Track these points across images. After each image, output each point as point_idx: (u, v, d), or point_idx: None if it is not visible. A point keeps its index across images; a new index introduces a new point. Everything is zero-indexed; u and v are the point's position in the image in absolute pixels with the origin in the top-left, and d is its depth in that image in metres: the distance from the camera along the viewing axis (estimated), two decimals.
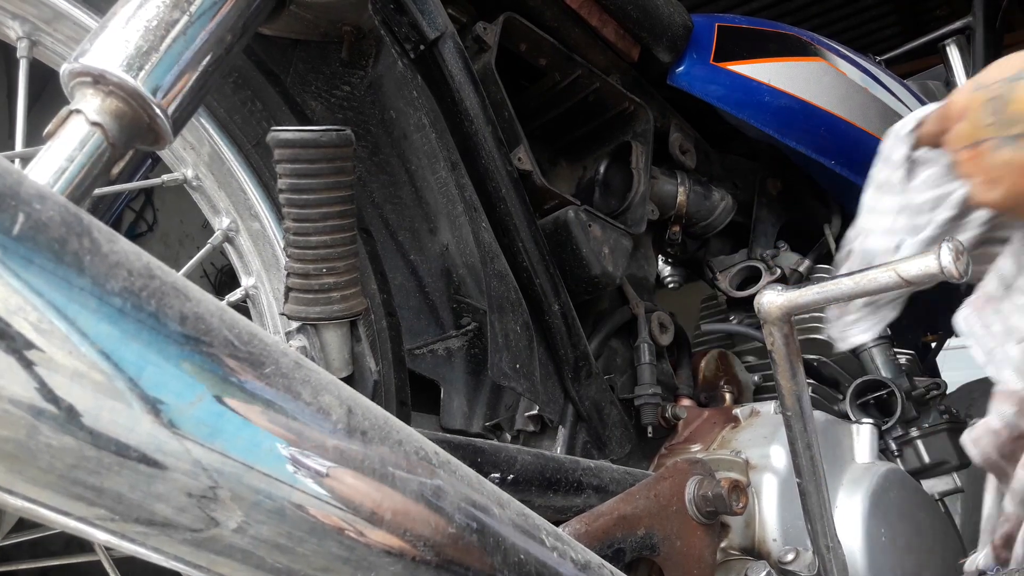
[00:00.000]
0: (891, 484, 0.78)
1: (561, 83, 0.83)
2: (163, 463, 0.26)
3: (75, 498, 0.26)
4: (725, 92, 0.90)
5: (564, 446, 0.72)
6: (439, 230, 0.75)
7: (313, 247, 0.50)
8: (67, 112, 0.40)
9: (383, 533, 0.31)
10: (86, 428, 0.24)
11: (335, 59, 0.74)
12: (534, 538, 0.38)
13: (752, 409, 0.82)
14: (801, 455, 0.56)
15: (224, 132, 0.65)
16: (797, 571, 0.65)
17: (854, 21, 4.50)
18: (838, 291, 0.51)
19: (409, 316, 0.74)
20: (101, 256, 0.25)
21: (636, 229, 0.80)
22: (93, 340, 0.25)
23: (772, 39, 0.96)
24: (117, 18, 0.42)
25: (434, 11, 0.63)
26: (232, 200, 0.66)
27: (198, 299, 0.28)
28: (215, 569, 0.29)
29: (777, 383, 0.55)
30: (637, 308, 0.83)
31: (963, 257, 0.45)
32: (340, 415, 0.31)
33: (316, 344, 0.53)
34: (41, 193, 0.25)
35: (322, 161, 0.50)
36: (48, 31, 0.63)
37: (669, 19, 0.86)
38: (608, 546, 0.56)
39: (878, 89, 1.03)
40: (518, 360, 0.67)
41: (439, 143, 0.68)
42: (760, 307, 0.53)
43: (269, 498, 0.28)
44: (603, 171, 0.86)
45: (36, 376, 0.24)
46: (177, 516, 0.27)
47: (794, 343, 0.54)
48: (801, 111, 0.92)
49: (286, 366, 0.30)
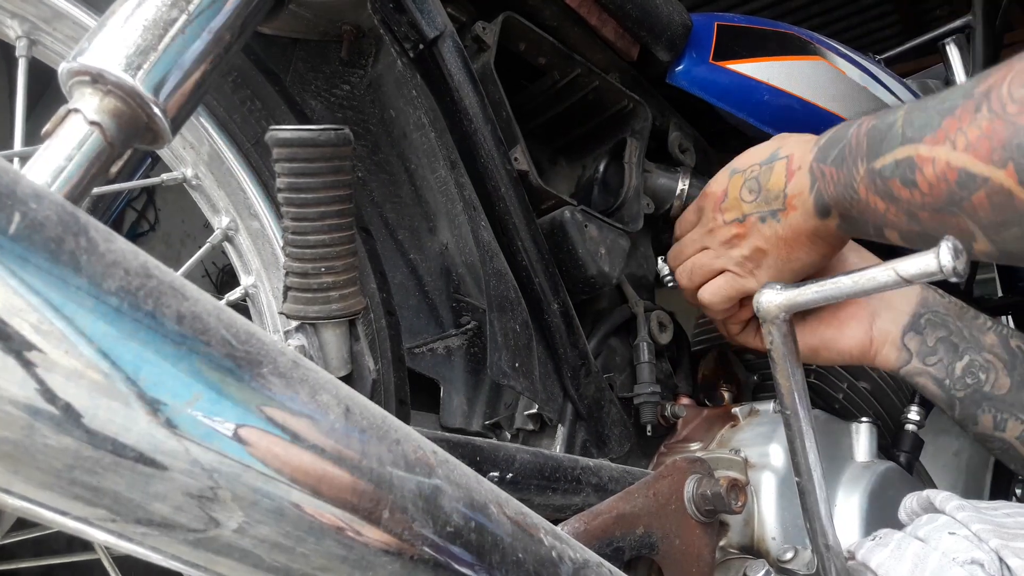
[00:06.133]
0: (890, 483, 0.78)
1: (560, 82, 0.83)
2: (160, 462, 0.26)
3: (72, 498, 0.26)
4: (724, 91, 0.90)
5: (563, 445, 0.72)
6: (438, 229, 0.76)
7: (311, 246, 0.50)
8: (65, 111, 0.40)
9: (381, 532, 0.31)
10: (83, 427, 0.24)
11: (335, 58, 0.74)
12: (532, 537, 0.38)
13: (751, 408, 0.82)
14: (800, 454, 0.56)
15: (223, 131, 0.66)
16: (796, 570, 0.65)
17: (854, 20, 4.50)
18: (837, 290, 0.51)
19: (409, 315, 0.74)
20: (98, 255, 0.25)
21: (633, 226, 0.80)
22: (90, 339, 0.25)
23: (771, 38, 0.96)
24: (116, 17, 0.42)
25: (433, 10, 0.63)
26: (231, 199, 0.66)
27: (195, 298, 0.28)
28: (212, 568, 0.30)
29: (776, 382, 0.55)
30: (636, 307, 0.83)
31: (962, 255, 0.45)
32: (338, 414, 0.31)
33: (315, 343, 0.53)
34: (38, 192, 0.25)
35: (320, 160, 0.50)
36: (47, 30, 0.63)
37: (668, 18, 0.86)
38: (607, 545, 0.56)
39: (878, 88, 1.03)
40: (517, 359, 0.67)
41: (438, 142, 0.68)
42: (759, 306, 0.53)
43: (267, 497, 0.28)
44: (602, 170, 0.86)
45: (32, 376, 0.24)
46: (174, 515, 0.27)
47: (793, 341, 0.54)
48: (801, 110, 0.92)
49: (284, 365, 0.30)
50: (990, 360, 0.71)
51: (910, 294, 0.74)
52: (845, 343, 0.74)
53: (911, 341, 0.73)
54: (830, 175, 0.65)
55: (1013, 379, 0.70)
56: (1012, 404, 0.70)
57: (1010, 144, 0.50)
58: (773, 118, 0.91)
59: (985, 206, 0.53)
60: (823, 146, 0.67)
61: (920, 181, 0.56)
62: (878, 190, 0.60)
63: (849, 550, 0.64)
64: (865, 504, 0.75)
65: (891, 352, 0.74)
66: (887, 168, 0.59)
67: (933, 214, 0.57)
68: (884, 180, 0.59)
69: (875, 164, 0.60)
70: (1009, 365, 0.71)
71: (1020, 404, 0.70)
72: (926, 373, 0.73)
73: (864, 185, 0.61)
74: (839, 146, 0.65)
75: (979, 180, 0.52)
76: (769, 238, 0.71)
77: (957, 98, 0.55)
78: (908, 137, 0.57)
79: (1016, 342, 0.72)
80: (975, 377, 0.71)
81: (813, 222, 0.68)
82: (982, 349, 0.72)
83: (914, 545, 0.59)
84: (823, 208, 0.66)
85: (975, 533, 0.58)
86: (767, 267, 0.73)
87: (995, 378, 0.71)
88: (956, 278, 0.45)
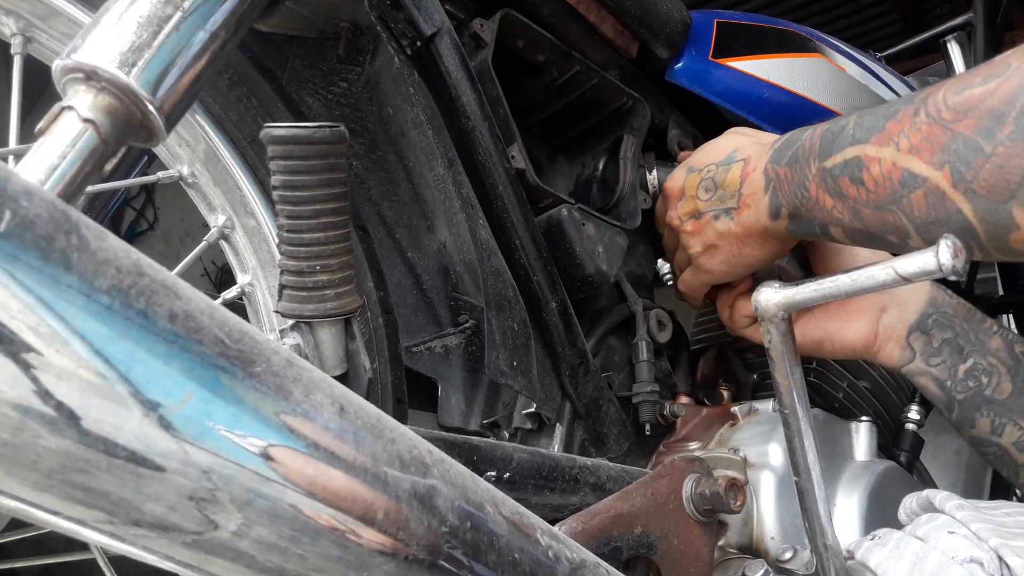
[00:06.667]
0: (890, 482, 0.78)
1: (559, 79, 0.82)
2: (152, 462, 0.26)
3: (65, 498, 0.26)
4: (724, 88, 0.89)
5: (562, 444, 0.72)
6: (436, 227, 0.75)
7: (307, 244, 0.50)
8: (59, 109, 0.40)
9: (376, 532, 0.31)
10: (74, 426, 0.24)
11: (332, 55, 0.74)
12: (529, 537, 0.38)
13: (750, 407, 0.82)
14: (799, 453, 0.56)
15: (220, 129, 0.65)
16: (795, 569, 0.65)
17: (855, 19, 4.50)
18: (836, 288, 0.50)
19: (407, 313, 0.73)
20: (89, 253, 0.25)
21: (631, 223, 0.80)
22: (81, 338, 0.24)
23: (771, 35, 0.96)
24: (110, 14, 0.42)
25: (431, 7, 0.63)
26: (228, 197, 0.66)
27: (188, 297, 0.27)
28: (205, 569, 0.29)
29: (775, 381, 0.55)
30: (635, 305, 0.83)
31: (961, 254, 0.45)
32: (332, 413, 0.30)
33: (310, 342, 0.52)
34: (28, 190, 0.24)
35: (315, 158, 0.49)
36: (42, 27, 0.63)
37: (667, 15, 0.85)
38: (604, 544, 0.55)
39: (878, 85, 1.03)
40: (515, 357, 0.67)
41: (436, 140, 0.68)
42: (757, 304, 0.53)
43: (259, 497, 0.28)
44: (601, 168, 0.86)
45: (24, 375, 0.23)
46: (167, 515, 0.27)
47: (792, 340, 0.54)
48: (800, 107, 0.92)
49: (277, 364, 0.29)
50: (994, 364, 0.72)
51: (919, 292, 0.75)
52: (850, 336, 0.75)
53: (916, 340, 0.74)
54: (784, 175, 0.68)
55: (1015, 384, 0.71)
56: (1012, 409, 0.71)
57: (948, 148, 0.53)
58: (773, 115, 0.91)
59: (921, 204, 0.56)
60: (778, 148, 0.70)
61: (867, 179, 0.59)
62: (828, 188, 0.63)
63: (848, 549, 0.64)
64: (865, 503, 0.75)
65: (894, 350, 0.74)
66: (837, 167, 0.62)
67: (875, 211, 0.60)
68: (834, 178, 0.62)
69: (826, 164, 0.63)
70: (1013, 370, 0.72)
71: (1020, 410, 0.71)
72: (928, 373, 0.74)
73: (815, 183, 0.64)
74: (793, 148, 0.68)
75: (919, 180, 0.56)
76: (722, 234, 0.75)
77: (901, 104, 0.59)
78: (857, 138, 0.61)
79: (1021, 348, 0.73)
80: (977, 380, 0.72)
81: (764, 222, 0.71)
82: (987, 353, 0.72)
83: (913, 544, 0.59)
84: (775, 209, 0.69)
85: (974, 532, 0.58)
86: (720, 261, 0.77)
87: (997, 382, 0.71)
88: (955, 276, 0.44)
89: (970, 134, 0.52)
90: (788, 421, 0.55)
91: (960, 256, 0.44)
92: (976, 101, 0.53)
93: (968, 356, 0.72)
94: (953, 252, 0.44)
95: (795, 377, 0.54)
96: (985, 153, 0.52)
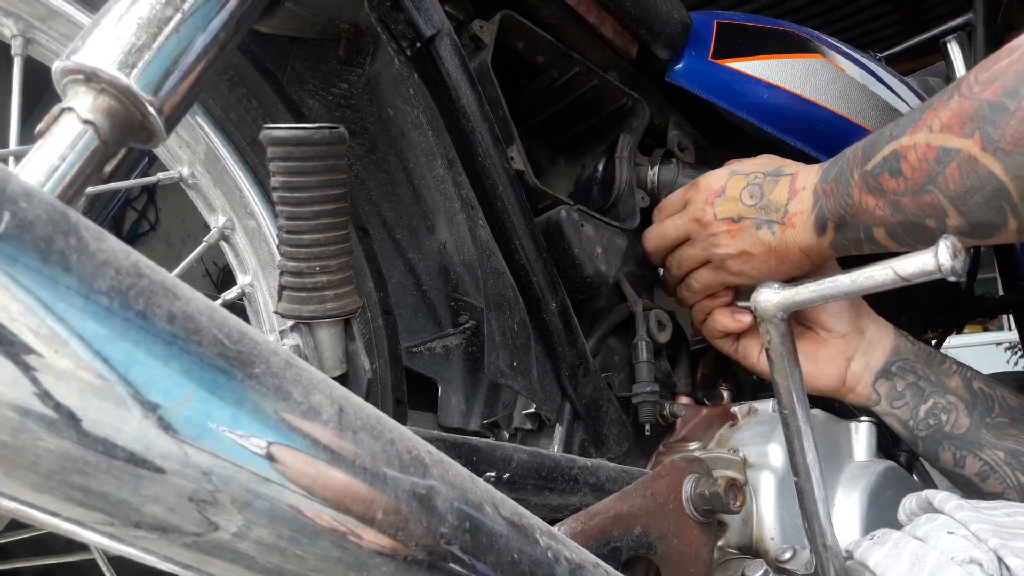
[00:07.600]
0: (889, 482, 0.78)
1: (559, 80, 0.82)
2: (152, 463, 0.26)
3: (64, 499, 0.26)
4: (723, 89, 0.89)
5: (561, 444, 0.72)
6: (436, 228, 0.75)
7: (306, 245, 0.50)
8: (59, 110, 0.40)
9: (375, 533, 0.31)
10: (73, 428, 0.24)
11: (332, 57, 0.74)
12: (528, 537, 0.38)
13: (750, 407, 0.82)
14: (799, 453, 0.56)
15: (220, 130, 0.65)
16: (794, 569, 0.65)
17: (855, 19, 4.50)
18: (835, 289, 0.51)
19: (407, 314, 0.73)
20: (88, 254, 0.25)
21: (630, 223, 0.80)
22: (80, 339, 0.24)
23: (771, 36, 0.96)
24: (110, 15, 0.42)
25: (431, 8, 0.63)
26: (228, 198, 0.66)
27: (187, 298, 0.28)
28: (208, 570, 0.29)
29: (774, 381, 0.55)
30: (635, 306, 0.83)
31: (960, 255, 0.45)
32: (331, 414, 0.30)
33: (309, 343, 0.52)
34: (28, 191, 0.24)
35: (315, 159, 0.49)
36: (43, 28, 0.63)
37: (667, 16, 0.85)
38: (604, 545, 0.55)
39: (878, 86, 1.03)
40: (515, 358, 0.67)
41: (436, 141, 0.68)
42: (757, 305, 0.53)
43: (258, 498, 0.28)
44: (601, 168, 0.86)
45: (23, 376, 0.24)
46: (167, 516, 0.27)
47: (791, 341, 0.54)
48: (800, 108, 0.92)
49: (276, 365, 0.29)
50: (952, 402, 0.77)
51: (884, 342, 0.80)
52: (821, 381, 0.80)
53: (881, 387, 0.79)
54: (830, 191, 0.69)
55: (972, 419, 0.76)
56: (970, 442, 0.75)
57: (976, 116, 0.55)
58: (773, 116, 0.91)
59: (955, 176, 0.57)
60: (826, 168, 0.72)
61: (905, 168, 0.61)
62: (869, 188, 0.64)
63: (847, 549, 0.64)
64: (864, 503, 0.75)
65: (862, 394, 0.80)
66: (877, 166, 0.64)
67: (912, 197, 0.61)
68: (875, 177, 0.64)
69: (867, 167, 0.65)
70: (970, 405, 0.76)
71: (977, 442, 0.75)
72: (893, 415, 0.79)
73: (858, 188, 0.65)
74: (839, 164, 0.69)
75: (952, 152, 0.57)
76: (759, 244, 0.75)
77: (936, 96, 0.60)
78: (894, 136, 0.63)
79: (979, 384, 0.78)
80: (936, 418, 0.77)
81: (809, 240, 0.72)
82: (946, 392, 0.77)
83: (912, 544, 0.59)
84: (821, 225, 0.70)
85: (974, 532, 0.58)
86: (751, 267, 0.77)
87: (955, 418, 0.76)
88: (954, 276, 0.45)
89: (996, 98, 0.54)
90: (787, 421, 0.55)
91: (959, 256, 0.44)
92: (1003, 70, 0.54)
93: (928, 397, 0.77)
94: (952, 252, 0.44)
95: (794, 377, 0.54)
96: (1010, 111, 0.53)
